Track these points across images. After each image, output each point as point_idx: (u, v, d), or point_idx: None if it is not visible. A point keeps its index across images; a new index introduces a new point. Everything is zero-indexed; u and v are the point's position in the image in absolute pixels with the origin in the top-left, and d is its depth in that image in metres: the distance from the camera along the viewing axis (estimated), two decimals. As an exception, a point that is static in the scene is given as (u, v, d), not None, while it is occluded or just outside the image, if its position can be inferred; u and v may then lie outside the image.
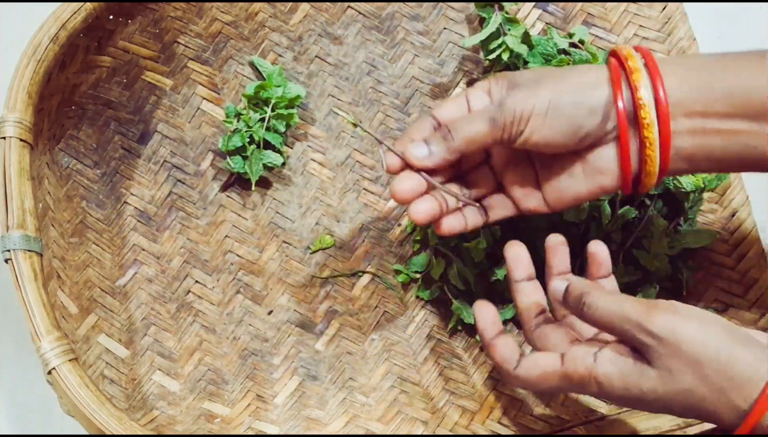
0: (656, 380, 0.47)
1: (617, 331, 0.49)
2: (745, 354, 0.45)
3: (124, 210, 0.72)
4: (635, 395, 0.48)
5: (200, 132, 0.74)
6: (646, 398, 0.48)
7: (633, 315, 0.47)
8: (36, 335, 0.58)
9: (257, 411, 0.69)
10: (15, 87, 0.61)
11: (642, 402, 0.49)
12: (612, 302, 0.49)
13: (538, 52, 0.73)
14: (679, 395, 0.47)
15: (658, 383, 0.47)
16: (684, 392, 0.47)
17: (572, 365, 0.50)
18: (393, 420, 0.70)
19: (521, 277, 0.58)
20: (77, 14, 0.64)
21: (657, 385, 0.47)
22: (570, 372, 0.50)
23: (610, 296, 0.50)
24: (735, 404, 0.45)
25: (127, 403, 0.67)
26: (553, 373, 0.51)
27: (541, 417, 0.70)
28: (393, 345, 0.71)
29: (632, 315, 0.47)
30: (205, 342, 0.70)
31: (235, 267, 0.72)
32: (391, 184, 0.59)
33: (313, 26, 0.76)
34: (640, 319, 0.47)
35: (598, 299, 0.50)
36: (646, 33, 0.75)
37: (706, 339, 0.46)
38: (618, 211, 0.69)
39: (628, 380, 0.48)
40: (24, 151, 0.61)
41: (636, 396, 0.48)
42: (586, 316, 0.50)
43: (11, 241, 0.58)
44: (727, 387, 0.45)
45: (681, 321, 0.46)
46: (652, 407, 0.49)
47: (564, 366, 0.51)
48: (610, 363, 0.49)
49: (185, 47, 0.74)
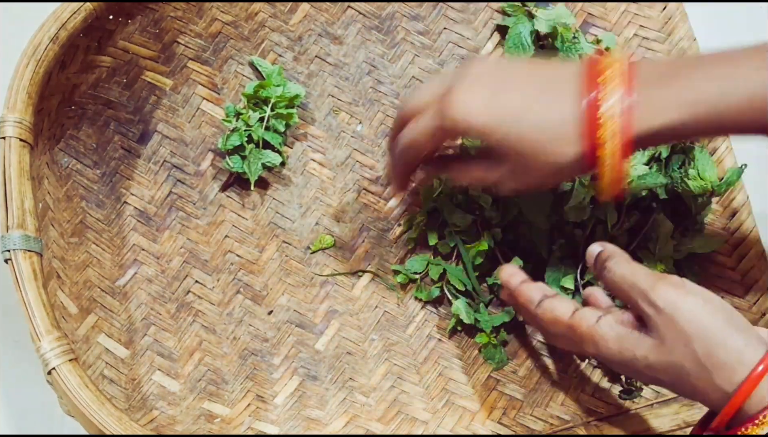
0: (649, 348, 0.49)
1: (625, 297, 0.51)
2: (736, 339, 0.46)
3: (123, 210, 0.72)
4: (628, 359, 0.50)
5: (200, 132, 0.74)
6: (637, 364, 0.50)
7: (641, 283, 0.49)
8: (36, 335, 0.57)
9: (257, 411, 0.69)
10: (15, 87, 0.61)
11: (634, 368, 0.50)
12: (628, 269, 0.51)
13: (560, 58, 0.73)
14: (669, 367, 0.48)
15: (650, 351, 0.49)
16: (673, 365, 0.48)
17: (578, 319, 0.53)
18: (393, 420, 0.70)
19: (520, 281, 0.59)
20: (77, 14, 0.64)
21: (649, 353, 0.49)
22: (575, 326, 0.53)
23: (629, 264, 0.52)
24: (720, 386, 0.46)
25: (127, 403, 0.67)
26: (562, 320, 0.54)
27: (541, 417, 0.70)
28: (393, 345, 0.71)
29: (641, 283, 0.49)
30: (205, 342, 0.70)
31: (235, 267, 0.72)
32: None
33: (313, 26, 0.75)
34: (646, 288, 0.49)
35: (618, 264, 0.52)
36: (646, 33, 0.75)
37: (702, 318, 0.47)
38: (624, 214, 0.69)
39: (623, 344, 0.50)
40: (24, 151, 0.61)
41: (629, 360, 0.50)
42: (604, 278, 0.53)
43: (11, 241, 0.58)
44: (713, 368, 0.46)
45: (683, 296, 0.48)
46: (643, 375, 0.50)
47: (572, 318, 0.53)
48: (609, 326, 0.51)
49: (185, 47, 0.74)
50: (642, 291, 0.49)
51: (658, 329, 0.48)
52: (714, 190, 0.69)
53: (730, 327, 0.47)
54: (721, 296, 0.69)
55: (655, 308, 0.48)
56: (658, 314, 0.48)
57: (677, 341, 0.47)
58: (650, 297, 0.48)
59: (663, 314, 0.48)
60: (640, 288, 0.49)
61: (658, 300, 0.48)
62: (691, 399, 0.49)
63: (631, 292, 0.50)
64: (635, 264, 0.52)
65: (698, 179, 0.69)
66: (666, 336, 0.48)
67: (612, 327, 0.51)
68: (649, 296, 0.49)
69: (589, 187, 0.68)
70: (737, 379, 0.46)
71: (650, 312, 0.48)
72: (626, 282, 0.51)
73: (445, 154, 0.65)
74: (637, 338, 0.50)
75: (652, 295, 0.48)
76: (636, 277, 0.50)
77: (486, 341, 0.69)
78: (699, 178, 0.69)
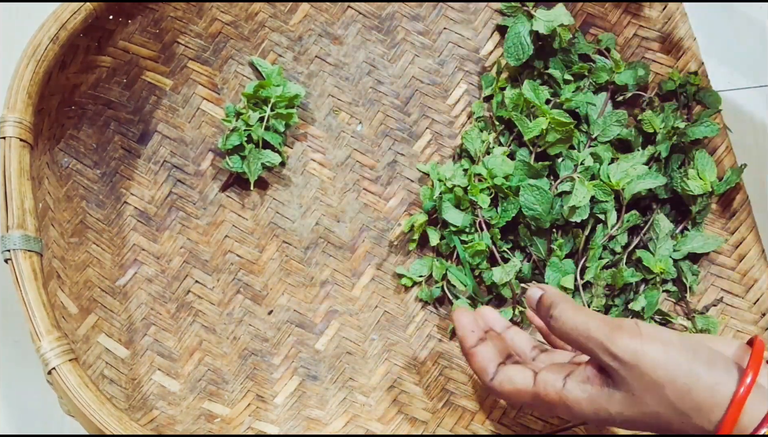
0: (622, 403, 0.47)
1: (582, 348, 0.49)
2: (705, 377, 0.45)
3: (124, 210, 0.72)
4: (604, 418, 0.48)
5: (200, 132, 0.74)
6: (614, 420, 0.48)
7: (597, 335, 0.47)
8: (36, 335, 0.57)
9: (257, 411, 0.69)
10: (15, 87, 0.61)
11: (612, 423, 0.49)
12: (578, 318, 0.49)
13: (560, 58, 0.73)
14: (646, 417, 0.47)
15: (624, 406, 0.47)
16: (650, 415, 0.47)
17: (543, 387, 0.50)
18: (393, 420, 0.70)
19: (472, 344, 0.56)
20: (77, 14, 0.64)
21: (623, 408, 0.47)
22: (541, 394, 0.51)
23: (578, 311, 0.49)
24: (700, 426, 0.45)
25: (127, 403, 0.67)
26: (525, 391, 0.52)
27: (541, 417, 0.70)
28: (393, 345, 0.71)
29: (596, 335, 0.47)
30: (205, 342, 0.70)
31: (235, 267, 0.72)
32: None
33: (313, 26, 0.75)
34: (603, 340, 0.47)
35: (566, 312, 0.49)
36: (646, 33, 0.75)
37: (667, 363, 0.45)
38: (624, 215, 0.69)
39: (596, 404, 0.48)
40: (24, 150, 0.61)
41: (605, 419, 0.48)
42: (553, 327, 0.50)
43: (11, 241, 0.58)
44: (690, 411, 0.45)
45: (643, 344, 0.46)
46: (623, 427, 0.49)
47: (535, 387, 0.51)
48: (578, 388, 0.49)
49: (185, 47, 0.74)
50: (599, 343, 0.47)
51: (625, 382, 0.46)
52: (714, 190, 0.69)
53: (696, 365, 0.45)
54: (721, 296, 0.71)
55: (617, 360, 0.46)
56: (622, 366, 0.46)
57: (647, 391, 0.46)
58: (610, 349, 0.46)
59: (627, 366, 0.46)
60: (597, 340, 0.47)
61: (618, 351, 0.46)
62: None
63: (588, 344, 0.47)
64: (582, 311, 0.49)
65: (698, 179, 0.69)
66: (635, 387, 0.46)
67: (582, 389, 0.49)
68: (609, 348, 0.46)
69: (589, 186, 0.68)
70: (715, 418, 0.44)
71: (614, 366, 0.46)
72: (580, 334, 0.48)
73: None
74: (608, 394, 0.47)
75: (611, 347, 0.46)
76: (589, 327, 0.47)
77: (486, 341, 0.70)
78: (699, 178, 0.69)
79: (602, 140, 0.72)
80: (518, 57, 0.72)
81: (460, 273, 0.71)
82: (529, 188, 0.68)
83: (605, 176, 0.69)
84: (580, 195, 0.67)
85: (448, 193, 0.71)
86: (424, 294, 0.72)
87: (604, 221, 0.70)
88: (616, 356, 0.46)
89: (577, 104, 0.72)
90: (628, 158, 0.71)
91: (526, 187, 0.68)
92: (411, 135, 0.75)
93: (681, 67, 0.74)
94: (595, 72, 0.73)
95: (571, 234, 0.70)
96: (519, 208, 0.69)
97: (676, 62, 0.75)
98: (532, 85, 0.70)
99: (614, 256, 0.70)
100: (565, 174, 0.70)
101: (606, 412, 0.48)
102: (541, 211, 0.68)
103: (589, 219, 0.69)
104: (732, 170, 0.70)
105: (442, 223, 0.72)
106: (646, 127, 0.72)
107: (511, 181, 0.70)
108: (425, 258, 0.73)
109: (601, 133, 0.72)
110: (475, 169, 0.71)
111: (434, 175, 0.72)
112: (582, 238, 0.70)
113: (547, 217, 0.68)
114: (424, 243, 0.73)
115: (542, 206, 0.68)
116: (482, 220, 0.70)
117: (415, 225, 0.71)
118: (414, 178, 0.74)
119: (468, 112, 0.76)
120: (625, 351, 0.46)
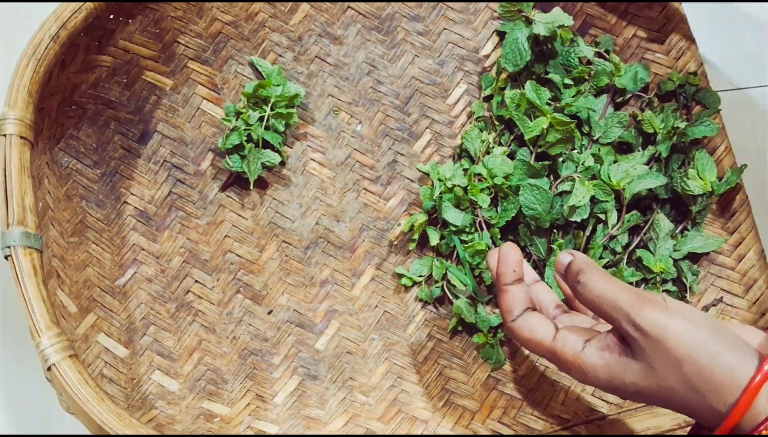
0: (638, 374, 0.47)
1: (606, 316, 0.49)
2: (726, 359, 0.45)
3: (123, 209, 0.72)
4: (617, 386, 0.49)
5: (200, 132, 0.74)
6: (627, 390, 0.48)
7: (623, 305, 0.47)
8: (36, 331, 0.57)
9: (257, 410, 0.69)
10: (16, 85, 0.61)
11: (623, 392, 0.49)
12: (606, 286, 0.49)
13: (560, 62, 0.73)
14: (660, 390, 0.47)
15: (640, 377, 0.47)
16: (664, 389, 0.47)
17: (561, 345, 0.51)
18: (393, 419, 0.69)
19: (508, 282, 0.56)
20: (78, 13, 0.64)
21: (638, 380, 0.47)
22: (558, 352, 0.51)
23: (606, 279, 0.49)
24: (713, 407, 0.45)
25: (126, 403, 0.67)
26: (542, 344, 0.52)
27: (541, 416, 0.69)
28: (393, 345, 0.71)
29: (622, 305, 0.47)
30: (204, 341, 0.70)
31: (235, 266, 0.72)
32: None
33: (313, 26, 0.76)
34: (629, 310, 0.47)
35: (594, 280, 0.49)
36: (645, 33, 0.75)
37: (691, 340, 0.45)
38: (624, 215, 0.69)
39: (612, 372, 0.48)
40: (24, 148, 0.61)
41: (617, 387, 0.49)
42: (579, 294, 0.50)
43: (11, 238, 0.58)
44: (705, 391, 0.45)
45: (669, 319, 0.46)
46: (634, 398, 0.49)
47: (553, 343, 0.51)
48: (597, 354, 0.49)
49: (185, 47, 0.74)
50: (625, 313, 0.47)
51: (645, 354, 0.46)
52: (714, 190, 0.69)
53: (718, 346, 0.45)
54: (721, 296, 0.71)
55: (640, 332, 0.46)
56: (644, 338, 0.46)
57: (667, 366, 0.46)
58: (635, 320, 0.46)
59: (649, 339, 0.46)
60: (623, 310, 0.47)
61: (643, 323, 0.46)
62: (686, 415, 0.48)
63: (613, 313, 0.48)
64: (611, 280, 0.49)
65: (698, 179, 0.69)
66: (654, 360, 0.46)
67: (600, 355, 0.49)
68: (634, 319, 0.46)
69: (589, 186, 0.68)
70: (730, 400, 0.45)
71: (636, 337, 0.46)
72: (606, 303, 0.48)
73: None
74: (625, 364, 0.48)
75: (636, 319, 0.46)
76: (615, 296, 0.48)
77: (483, 341, 0.70)
78: (699, 178, 0.69)
79: (604, 142, 0.72)
80: (516, 63, 0.72)
81: (460, 272, 0.71)
82: (529, 188, 0.68)
83: (606, 176, 0.69)
84: (580, 194, 0.67)
85: (447, 192, 0.71)
86: (424, 294, 0.72)
87: (605, 221, 0.70)
88: (641, 327, 0.46)
89: (578, 109, 0.71)
90: (629, 158, 0.71)
91: (526, 186, 0.68)
92: (411, 135, 0.75)
93: (680, 67, 0.74)
94: (595, 75, 0.73)
95: (572, 234, 0.70)
96: (519, 208, 0.69)
97: (675, 62, 0.75)
98: (534, 86, 0.70)
99: (615, 256, 0.71)
100: (566, 173, 0.70)
101: (620, 381, 0.48)
102: (541, 210, 0.68)
103: (590, 219, 0.69)
104: (732, 170, 0.70)
105: (442, 223, 0.72)
106: (646, 128, 0.72)
107: (511, 180, 0.70)
108: (425, 258, 0.73)
109: (602, 135, 0.72)
110: (475, 169, 0.71)
111: (434, 175, 0.72)
112: (582, 238, 0.70)
113: (547, 216, 0.68)
114: (424, 243, 0.73)
115: (542, 206, 0.68)
116: (482, 220, 0.70)
117: (415, 225, 0.71)
118: (414, 177, 0.74)
119: (468, 112, 0.76)
120: (650, 323, 0.46)
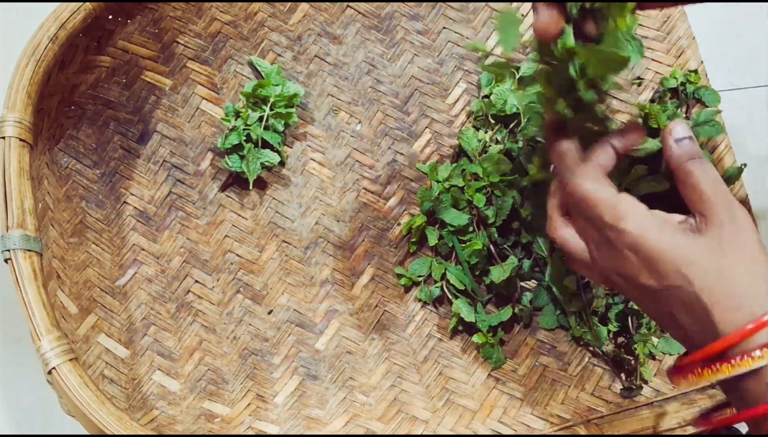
0: (703, 249, 0.47)
1: (704, 197, 0.48)
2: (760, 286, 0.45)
3: (123, 210, 0.72)
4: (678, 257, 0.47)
5: (200, 132, 0.74)
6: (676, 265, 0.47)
7: (728, 194, 0.48)
8: (36, 334, 0.57)
9: (257, 410, 0.69)
10: (15, 86, 0.61)
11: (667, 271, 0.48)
12: (717, 178, 0.49)
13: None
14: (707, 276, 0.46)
15: (702, 253, 0.47)
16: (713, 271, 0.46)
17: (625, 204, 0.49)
18: (393, 419, 0.70)
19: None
20: (77, 14, 0.64)
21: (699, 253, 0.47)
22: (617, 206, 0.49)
23: (716, 173, 0.49)
24: (718, 321, 0.45)
25: (127, 403, 0.67)
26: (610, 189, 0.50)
27: (542, 415, 0.70)
28: (393, 345, 0.71)
29: (727, 194, 0.48)
30: (205, 341, 0.70)
31: (235, 266, 0.72)
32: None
33: (313, 26, 0.75)
34: (731, 200, 0.48)
35: (705, 172, 0.49)
36: (645, 32, 0.75)
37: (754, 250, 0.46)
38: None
39: (679, 247, 0.47)
40: (24, 150, 0.61)
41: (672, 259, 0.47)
42: (684, 179, 0.49)
43: (11, 241, 0.58)
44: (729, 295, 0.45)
45: (752, 227, 0.47)
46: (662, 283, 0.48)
47: (617, 197, 0.49)
48: (664, 219, 0.49)
49: (185, 47, 0.74)
50: (727, 200, 0.48)
51: (721, 234, 0.47)
52: None
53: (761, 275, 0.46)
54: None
55: (732, 215, 0.47)
56: (730, 223, 0.47)
57: (732, 249, 0.46)
58: (732, 206, 0.47)
59: (727, 227, 0.47)
60: (726, 198, 0.48)
61: (727, 211, 0.47)
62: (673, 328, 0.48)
63: (715, 194, 0.48)
64: (719, 176, 0.50)
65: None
66: (723, 240, 0.46)
67: (672, 230, 0.48)
68: (731, 205, 0.47)
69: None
70: (736, 321, 0.45)
71: (725, 219, 0.47)
72: (712, 188, 0.48)
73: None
74: (693, 239, 0.47)
75: (734, 207, 0.47)
76: (724, 187, 0.48)
77: (483, 341, 0.70)
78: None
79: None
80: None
81: (459, 272, 0.71)
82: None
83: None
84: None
85: (445, 193, 0.71)
86: (423, 294, 0.72)
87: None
88: (735, 215, 0.47)
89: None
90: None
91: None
92: (410, 134, 0.75)
93: (681, 65, 0.74)
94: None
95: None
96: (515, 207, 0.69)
97: (676, 60, 0.75)
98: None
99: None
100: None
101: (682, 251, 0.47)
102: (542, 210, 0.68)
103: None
104: (731, 169, 0.70)
105: (440, 223, 0.72)
106: (652, 123, 0.72)
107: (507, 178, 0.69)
108: (424, 258, 0.73)
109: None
110: (471, 168, 0.71)
111: (432, 176, 0.72)
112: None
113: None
114: (423, 242, 0.73)
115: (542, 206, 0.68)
116: (479, 220, 0.70)
117: (414, 227, 0.71)
118: (413, 177, 0.74)
119: (467, 111, 0.76)
120: (742, 218, 0.47)
